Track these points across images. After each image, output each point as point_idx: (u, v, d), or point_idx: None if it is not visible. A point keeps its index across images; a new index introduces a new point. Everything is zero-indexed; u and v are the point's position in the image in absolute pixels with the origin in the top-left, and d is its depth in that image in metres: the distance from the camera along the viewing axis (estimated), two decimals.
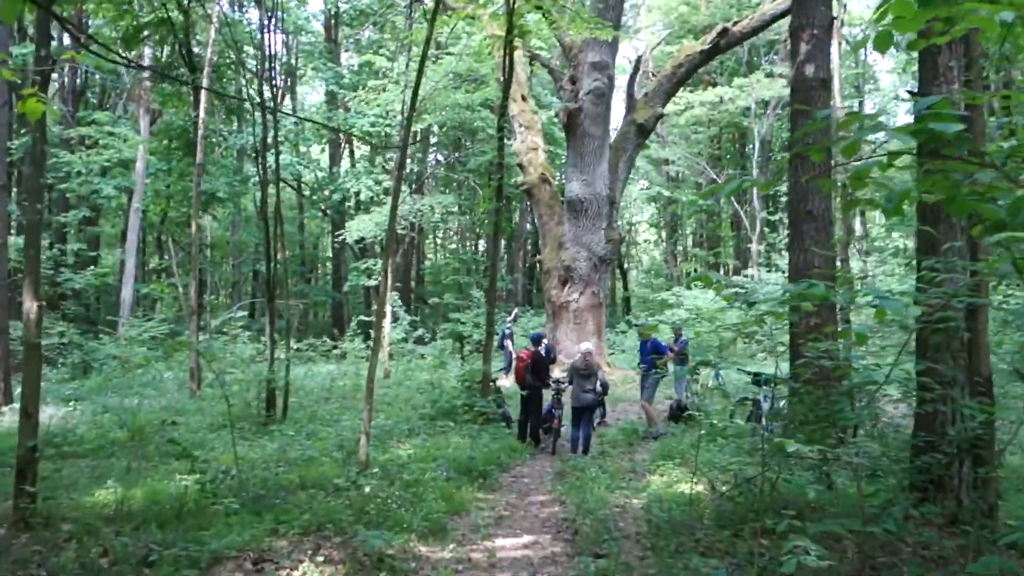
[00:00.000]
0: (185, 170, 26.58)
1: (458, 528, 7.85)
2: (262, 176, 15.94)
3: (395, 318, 25.90)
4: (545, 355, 13.47)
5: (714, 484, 8.12)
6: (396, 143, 30.17)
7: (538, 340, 13.70)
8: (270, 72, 18.17)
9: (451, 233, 47.45)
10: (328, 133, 36.50)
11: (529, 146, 23.44)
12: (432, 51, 24.66)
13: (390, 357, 22.36)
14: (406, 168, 34.41)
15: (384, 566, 6.28)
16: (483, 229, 40.21)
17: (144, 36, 18.19)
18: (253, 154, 23.02)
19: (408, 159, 34.88)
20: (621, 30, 23.46)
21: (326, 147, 39.20)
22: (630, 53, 35.80)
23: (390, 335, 23.26)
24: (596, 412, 13.59)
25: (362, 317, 31.43)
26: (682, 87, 26.59)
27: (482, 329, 21.60)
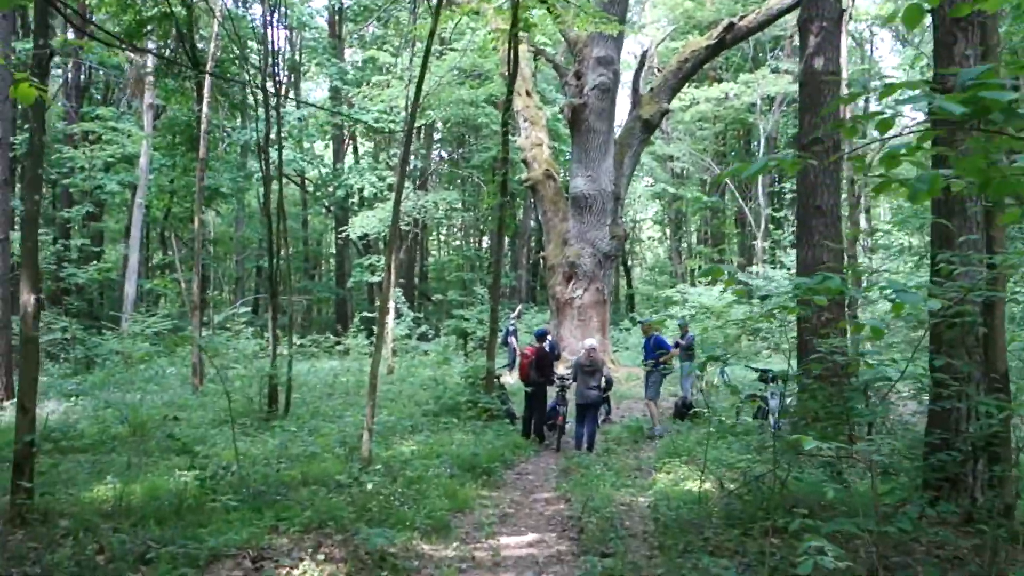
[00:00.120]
0: (189, 165, 26.49)
1: (462, 526, 7.73)
2: (265, 172, 15.83)
3: (398, 314, 25.81)
4: (549, 351, 13.34)
5: (722, 482, 7.98)
6: (400, 139, 30.09)
7: (542, 336, 13.57)
8: (273, 67, 18.06)
9: (455, 229, 47.35)
10: (332, 129, 36.42)
11: (534, 142, 23.31)
12: (436, 46, 24.53)
13: (393, 353, 22.26)
14: (410, 164, 34.34)
15: (386, 565, 6.15)
16: (487, 225, 40.12)
17: (147, 31, 18.05)
18: (256, 150, 22.87)
19: (412, 155, 34.79)
20: (626, 25, 23.28)
21: (330, 143, 39.09)
22: (635, 48, 35.59)
23: (393, 331, 23.16)
24: (600, 409, 13.48)
25: (365, 313, 31.32)
26: (687, 83, 26.40)
27: (486, 325, 21.50)
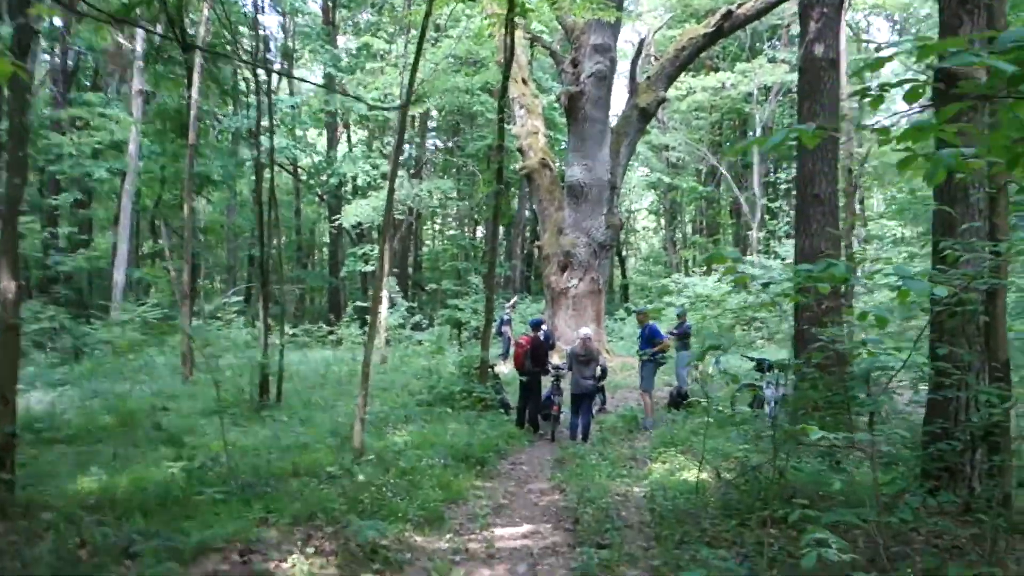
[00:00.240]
0: (179, 152, 26.22)
1: (455, 517, 7.60)
2: (256, 159, 15.63)
3: (392, 304, 25.64)
4: (544, 341, 13.20)
5: (719, 472, 7.86)
6: (394, 127, 29.87)
7: (537, 326, 13.42)
8: (265, 53, 17.83)
9: (449, 219, 47.17)
10: (326, 117, 36.14)
11: (529, 130, 23.13)
12: (431, 33, 24.31)
13: (387, 343, 22.12)
14: (404, 152, 34.11)
15: (378, 557, 6.00)
16: (481, 215, 39.92)
17: (136, 11, 17.81)
18: (248, 136, 22.64)
19: (406, 143, 34.56)
20: (623, 12, 23.05)
21: (323, 131, 38.81)
22: (632, 36, 35.40)
23: (387, 321, 23.01)
24: (596, 399, 13.36)
25: (358, 303, 31.16)
26: (684, 72, 26.23)
27: (480, 315, 21.35)
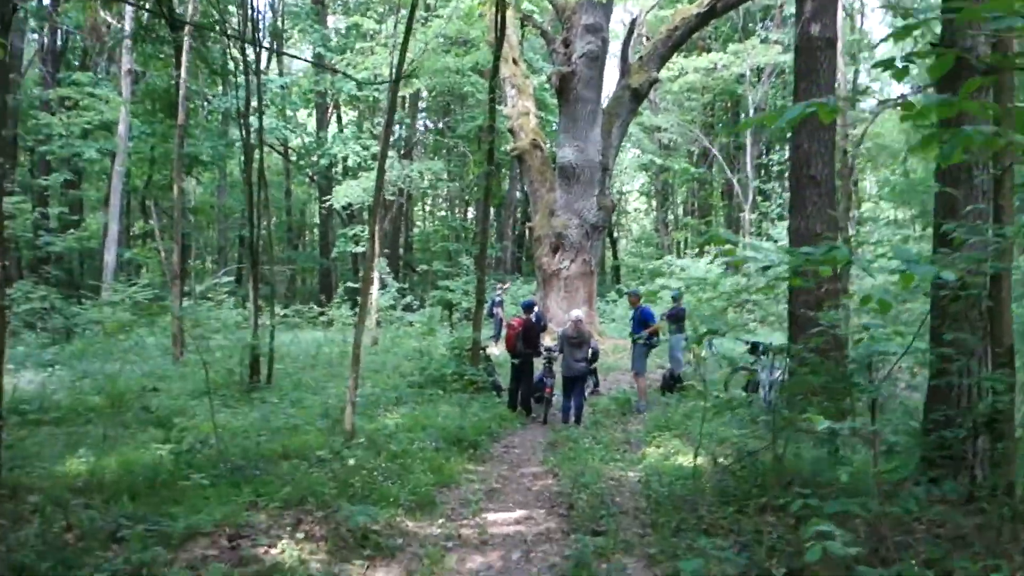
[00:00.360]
0: (168, 132, 26.01)
1: (447, 501, 7.52)
2: (245, 139, 15.40)
3: (383, 285, 25.51)
4: (536, 323, 13.08)
5: (715, 457, 7.78)
6: (384, 107, 29.58)
7: (529, 307, 13.28)
8: (254, 32, 17.54)
9: (440, 200, 46.94)
10: (316, 97, 35.82)
11: (520, 111, 22.95)
12: (421, 12, 24.06)
13: (378, 324, 22.00)
14: (394, 133, 33.85)
15: (369, 543, 5.90)
16: (472, 196, 39.71)
17: None
18: (236, 116, 22.32)
19: (396, 124, 34.28)
20: None
21: (313, 112, 38.48)
22: (624, 16, 35.10)
23: (378, 302, 22.88)
24: (588, 381, 13.28)
25: (349, 284, 30.98)
26: (676, 52, 26.01)
27: (471, 296, 21.23)
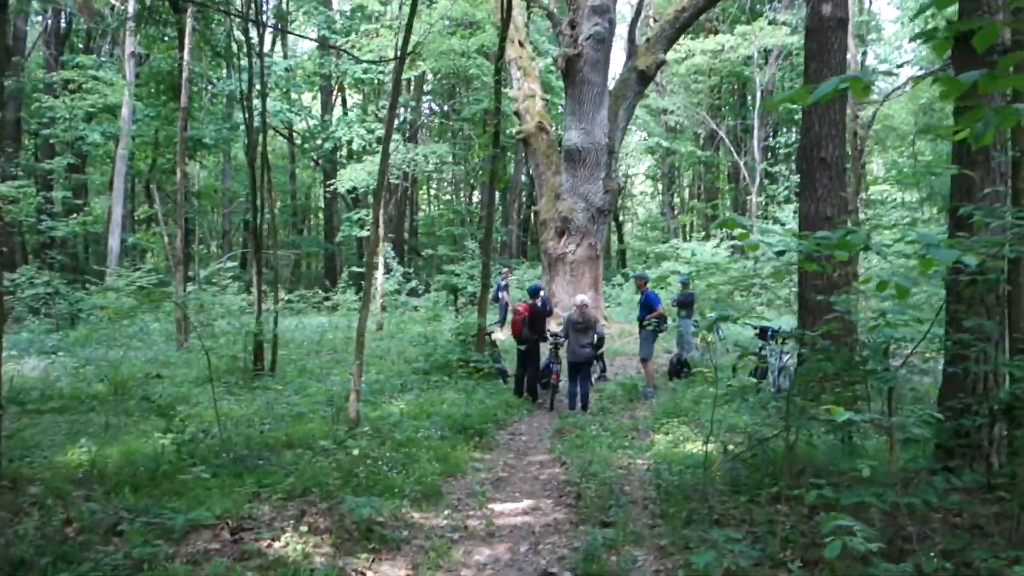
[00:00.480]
0: (172, 115, 25.85)
1: (453, 492, 7.41)
2: (249, 122, 15.24)
3: (388, 269, 25.39)
4: (542, 308, 12.93)
5: (726, 445, 7.64)
6: (388, 90, 29.36)
7: (535, 292, 13.12)
8: (258, 13, 17.34)
9: (445, 184, 46.76)
10: (320, 80, 35.62)
11: (526, 93, 22.72)
12: None
13: (382, 309, 21.88)
14: (399, 116, 33.65)
15: (374, 536, 5.78)
16: (478, 179, 39.51)
17: None
18: (240, 99, 22.19)
19: (401, 107, 34.07)
20: None
21: (318, 95, 38.27)
22: None
23: (383, 287, 22.76)
24: (594, 366, 13.15)
25: (354, 268, 30.87)
26: (683, 34, 25.73)
27: (476, 281, 21.08)
